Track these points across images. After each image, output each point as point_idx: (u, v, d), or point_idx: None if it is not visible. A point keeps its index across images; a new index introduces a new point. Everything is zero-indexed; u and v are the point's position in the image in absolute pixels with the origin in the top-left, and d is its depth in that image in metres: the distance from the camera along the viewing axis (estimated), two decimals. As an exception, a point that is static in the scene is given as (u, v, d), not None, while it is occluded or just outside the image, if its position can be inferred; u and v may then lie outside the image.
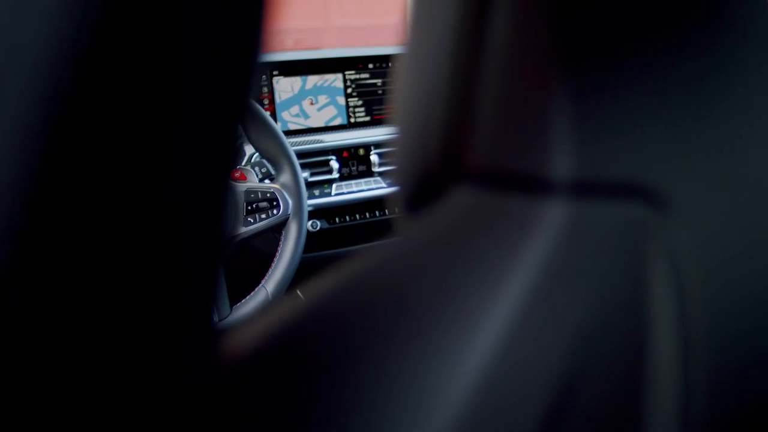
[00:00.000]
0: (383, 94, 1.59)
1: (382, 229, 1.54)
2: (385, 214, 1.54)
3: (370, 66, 1.57)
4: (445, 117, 0.27)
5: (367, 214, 1.53)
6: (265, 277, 1.19)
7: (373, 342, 0.24)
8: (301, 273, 1.24)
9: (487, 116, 0.27)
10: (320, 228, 1.47)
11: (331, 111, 1.55)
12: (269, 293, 1.18)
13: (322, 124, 1.54)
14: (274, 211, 1.21)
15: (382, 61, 1.58)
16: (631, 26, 0.26)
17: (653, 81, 0.26)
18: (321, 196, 1.48)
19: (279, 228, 1.22)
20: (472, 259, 0.25)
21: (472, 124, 0.27)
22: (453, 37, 0.27)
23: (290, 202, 1.22)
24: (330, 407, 0.23)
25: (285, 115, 1.51)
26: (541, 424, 0.24)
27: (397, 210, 0.31)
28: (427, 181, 0.28)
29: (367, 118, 1.58)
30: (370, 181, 1.53)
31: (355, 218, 1.51)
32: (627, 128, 0.26)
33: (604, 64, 0.25)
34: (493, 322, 0.24)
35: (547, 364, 0.24)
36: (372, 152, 1.54)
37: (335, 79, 1.54)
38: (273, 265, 1.21)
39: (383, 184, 1.53)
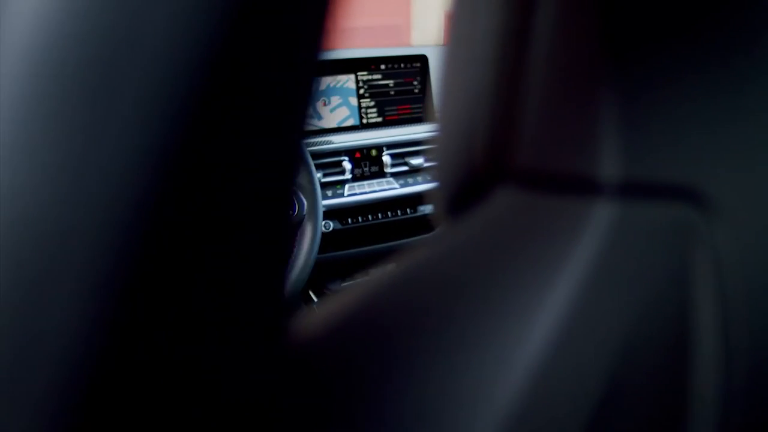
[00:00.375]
0: (395, 95, 1.59)
1: (395, 229, 1.54)
2: (397, 214, 1.54)
3: (383, 67, 1.57)
4: (489, 117, 0.28)
5: (380, 215, 1.53)
6: (280, 278, 1.20)
7: (422, 339, 0.25)
8: (314, 273, 1.24)
9: (532, 116, 0.27)
10: (333, 229, 1.47)
11: (344, 112, 1.56)
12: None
13: (334, 125, 1.54)
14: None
15: (395, 62, 1.58)
16: (676, 26, 0.26)
17: (698, 82, 0.26)
18: (333, 196, 1.48)
19: (294, 229, 1.23)
20: (520, 260, 0.25)
21: (517, 124, 0.27)
22: (498, 37, 0.28)
23: (305, 202, 1.22)
24: (380, 399, 0.24)
25: (298, 116, 1.51)
26: (588, 424, 0.24)
27: (437, 210, 0.31)
28: (470, 182, 0.28)
29: (380, 119, 1.58)
30: (382, 181, 1.54)
31: (368, 219, 1.52)
32: (672, 128, 0.26)
33: (650, 64, 0.26)
34: (542, 322, 0.24)
35: (595, 364, 0.25)
36: (384, 153, 1.54)
37: (348, 80, 1.55)
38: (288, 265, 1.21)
39: (396, 185, 1.54)
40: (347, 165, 1.49)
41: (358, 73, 1.56)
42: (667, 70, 0.26)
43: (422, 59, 1.61)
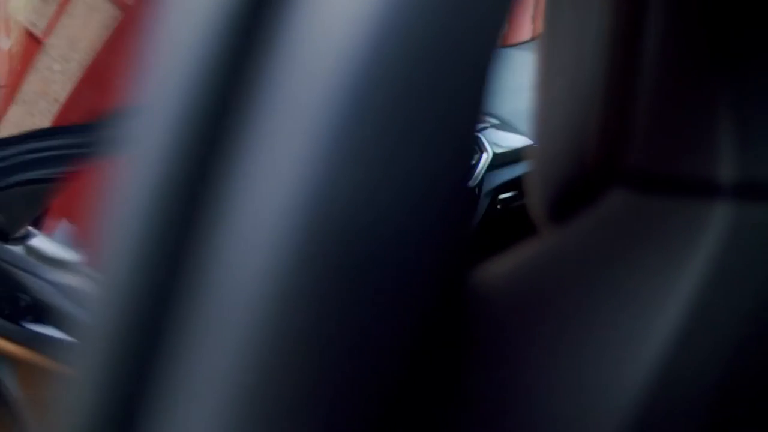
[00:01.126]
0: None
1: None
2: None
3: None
4: (601, 118, 0.28)
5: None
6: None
7: (543, 336, 0.25)
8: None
9: (645, 117, 0.27)
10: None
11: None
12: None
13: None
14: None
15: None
16: None
17: None
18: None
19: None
20: (638, 261, 0.26)
21: (630, 125, 0.27)
22: (608, 37, 0.28)
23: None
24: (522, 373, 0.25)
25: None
26: (707, 417, 0.25)
27: (537, 213, 0.32)
28: (580, 184, 0.29)
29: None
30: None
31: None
32: None
33: (764, 63, 0.26)
34: (663, 322, 0.25)
35: (712, 365, 0.25)
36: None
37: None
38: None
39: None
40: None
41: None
42: None
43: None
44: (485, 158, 1.60)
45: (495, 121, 1.70)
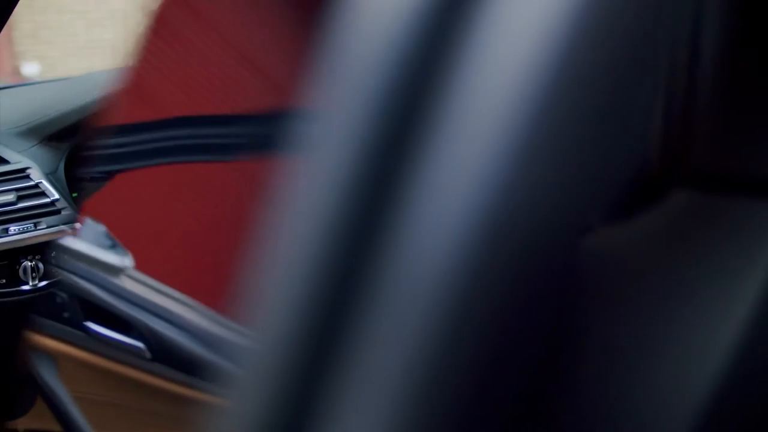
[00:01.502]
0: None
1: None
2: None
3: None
4: (665, 120, 0.29)
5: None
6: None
7: (607, 337, 0.27)
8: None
9: (709, 117, 0.28)
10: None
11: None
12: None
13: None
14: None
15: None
16: None
17: None
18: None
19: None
20: (705, 260, 0.27)
21: (694, 125, 0.29)
22: (672, 36, 0.29)
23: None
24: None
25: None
26: None
27: (592, 213, 0.33)
28: (644, 185, 0.30)
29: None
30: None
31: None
32: None
33: None
34: (733, 317, 0.26)
35: None
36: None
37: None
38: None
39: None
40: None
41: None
42: None
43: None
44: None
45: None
